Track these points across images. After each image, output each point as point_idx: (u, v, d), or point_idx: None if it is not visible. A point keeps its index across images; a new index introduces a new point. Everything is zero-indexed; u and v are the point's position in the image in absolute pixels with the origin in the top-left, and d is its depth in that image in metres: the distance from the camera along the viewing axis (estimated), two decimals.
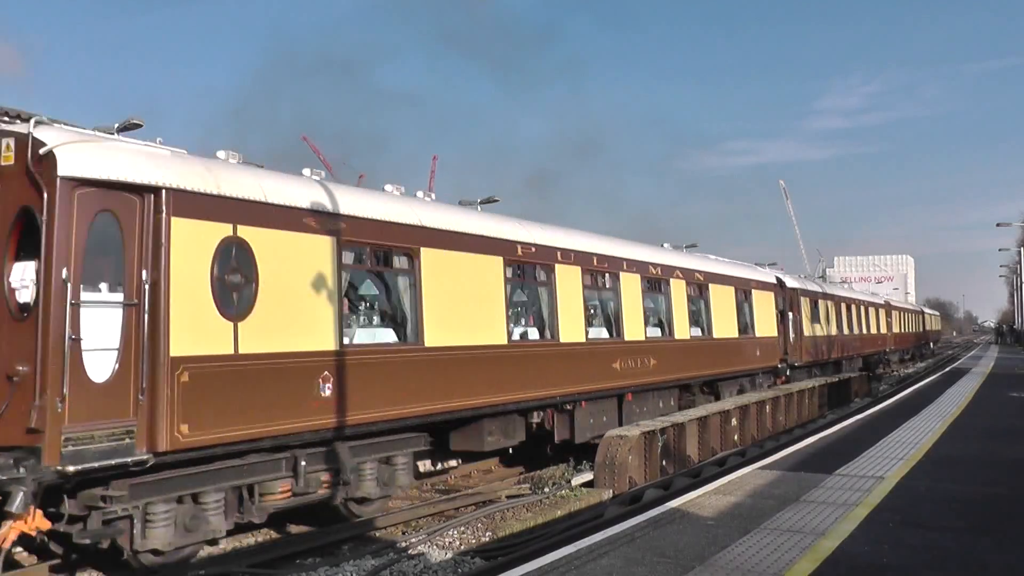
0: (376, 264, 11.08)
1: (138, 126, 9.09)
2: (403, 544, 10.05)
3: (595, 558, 6.89)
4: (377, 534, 10.88)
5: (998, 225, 54.74)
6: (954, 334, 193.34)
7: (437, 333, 11.24)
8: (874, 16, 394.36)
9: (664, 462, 14.64)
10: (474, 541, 10.43)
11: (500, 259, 12.77)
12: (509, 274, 13.09)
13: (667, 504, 9.10)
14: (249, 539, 10.75)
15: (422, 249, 11.25)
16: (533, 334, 13.78)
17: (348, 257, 10.39)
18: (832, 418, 21.82)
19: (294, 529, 11.34)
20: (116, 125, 8.96)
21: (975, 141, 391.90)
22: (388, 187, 12.10)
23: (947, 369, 38.74)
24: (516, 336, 13.21)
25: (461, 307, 11.83)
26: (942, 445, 13.11)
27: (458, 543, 10.27)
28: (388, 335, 11.08)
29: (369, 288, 11.31)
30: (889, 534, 7.55)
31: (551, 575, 6.50)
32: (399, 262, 11.17)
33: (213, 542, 9.45)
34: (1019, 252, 77.32)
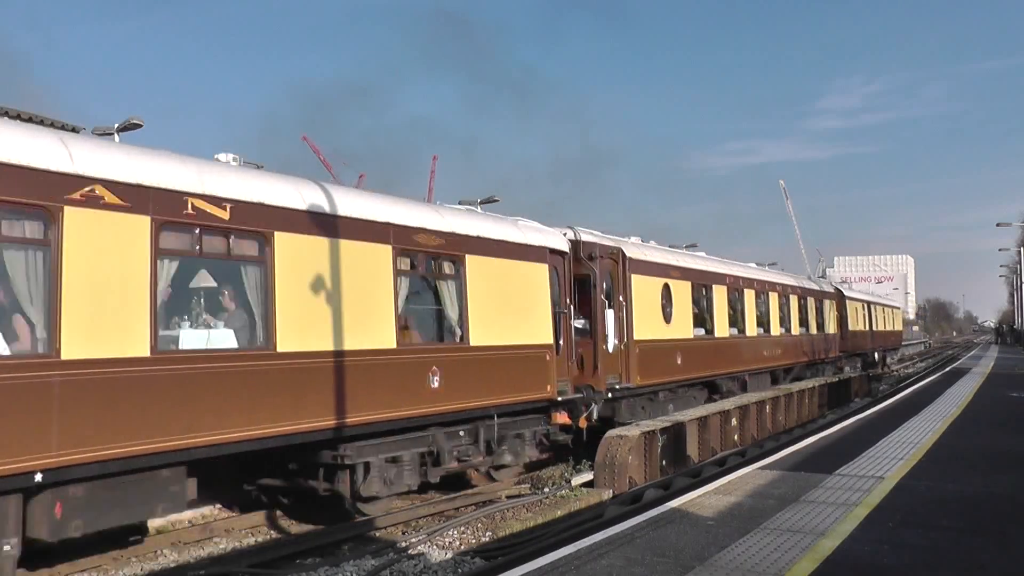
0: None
1: (138, 126, 9.10)
2: (403, 544, 10.05)
3: (595, 558, 6.89)
4: (377, 534, 10.88)
5: (998, 225, 54.74)
6: (954, 334, 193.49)
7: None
8: (876, 16, 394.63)
9: (664, 462, 14.64)
10: (474, 541, 10.43)
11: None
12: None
13: (667, 504, 9.09)
14: (249, 539, 10.76)
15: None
16: None
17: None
18: (832, 418, 21.81)
19: (294, 529, 11.35)
20: (116, 125, 8.97)
21: (975, 141, 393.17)
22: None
23: (947, 369, 38.78)
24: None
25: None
26: (942, 445, 13.11)
27: (458, 543, 10.28)
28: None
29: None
30: (889, 534, 7.55)
31: (551, 575, 6.49)
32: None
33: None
34: (1019, 252, 77.32)
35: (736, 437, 18.06)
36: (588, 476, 13.83)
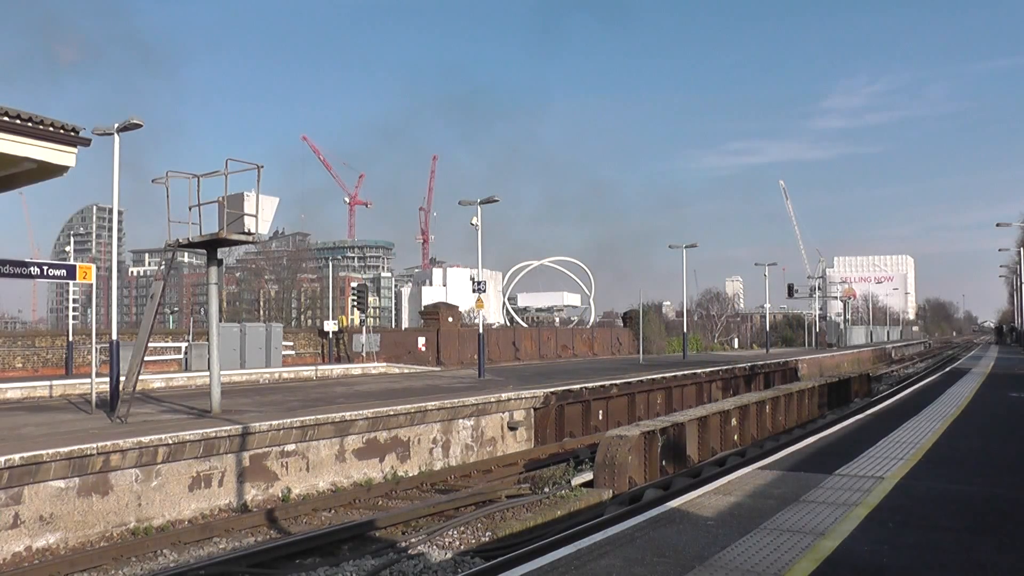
0: None
1: (138, 126, 9.10)
2: (403, 544, 10.05)
3: (595, 558, 6.89)
4: (377, 534, 10.89)
5: (998, 225, 54.66)
6: (954, 334, 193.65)
7: None
8: (880, 15, 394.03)
9: (664, 462, 14.64)
10: (474, 541, 10.43)
11: None
12: None
13: (667, 504, 9.09)
14: (249, 539, 10.76)
15: None
16: None
17: None
18: (832, 418, 21.82)
19: (294, 529, 11.35)
20: (116, 125, 8.97)
21: (977, 141, 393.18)
22: None
23: (947, 369, 38.77)
24: None
25: None
26: (942, 445, 13.11)
27: (458, 543, 10.28)
28: None
29: None
30: (889, 534, 7.54)
31: (551, 575, 6.49)
32: None
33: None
34: (1019, 252, 77.31)
35: (736, 437, 18.07)
36: (588, 476, 13.83)
